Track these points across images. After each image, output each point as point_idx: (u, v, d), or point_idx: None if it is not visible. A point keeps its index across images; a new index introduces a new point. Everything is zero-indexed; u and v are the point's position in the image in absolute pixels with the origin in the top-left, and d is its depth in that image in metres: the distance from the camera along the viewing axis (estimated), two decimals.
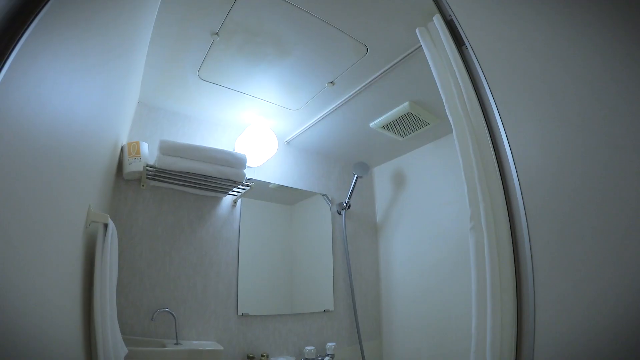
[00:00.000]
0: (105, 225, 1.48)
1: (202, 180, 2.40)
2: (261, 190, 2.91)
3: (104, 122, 1.50)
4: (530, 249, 1.38)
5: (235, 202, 2.75)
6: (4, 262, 0.65)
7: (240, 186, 2.54)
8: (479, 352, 1.55)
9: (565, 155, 1.23)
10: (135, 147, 2.24)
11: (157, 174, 2.30)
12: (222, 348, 2.32)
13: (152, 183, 2.40)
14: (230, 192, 2.65)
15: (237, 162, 2.44)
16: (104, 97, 1.36)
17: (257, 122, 2.75)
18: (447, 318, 2.85)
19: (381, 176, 3.64)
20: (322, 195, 3.24)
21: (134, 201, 2.35)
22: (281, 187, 3.05)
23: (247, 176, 2.58)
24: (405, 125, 2.78)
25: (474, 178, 1.57)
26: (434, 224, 3.04)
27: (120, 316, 1.71)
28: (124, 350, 1.69)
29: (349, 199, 3.28)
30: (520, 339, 1.45)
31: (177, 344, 2.25)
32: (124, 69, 1.57)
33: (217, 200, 2.68)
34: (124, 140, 2.28)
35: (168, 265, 2.40)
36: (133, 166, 2.22)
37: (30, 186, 0.74)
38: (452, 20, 1.65)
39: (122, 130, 2.19)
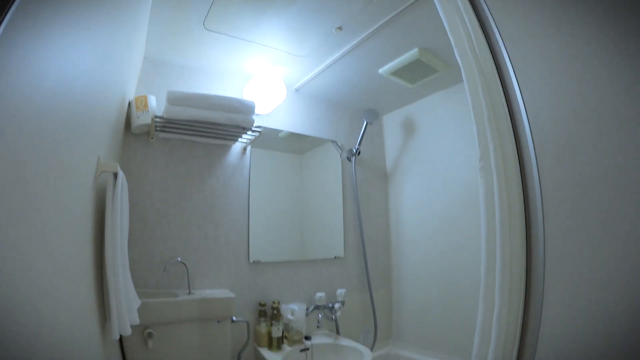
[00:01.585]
0: (115, 175, 1.47)
1: (210, 128, 2.39)
2: (271, 140, 2.90)
3: (110, 78, 1.49)
4: (540, 188, 1.38)
5: (244, 150, 2.74)
6: (13, 213, 0.65)
7: (250, 132, 2.52)
8: (488, 295, 1.56)
9: (577, 99, 1.22)
10: (142, 101, 2.22)
11: (165, 124, 2.29)
12: (234, 295, 2.35)
13: (161, 135, 2.39)
14: (239, 139, 2.63)
15: (246, 109, 2.41)
16: (109, 53, 1.35)
17: (265, 70, 2.71)
18: (456, 267, 2.88)
19: (391, 124, 3.61)
20: (332, 142, 3.22)
21: (143, 154, 2.36)
22: (290, 136, 3.04)
23: (256, 124, 2.55)
24: (414, 72, 2.74)
25: (483, 119, 1.56)
26: (444, 173, 3.04)
27: (133, 270, 1.71)
28: (137, 301, 1.72)
29: (359, 145, 3.26)
30: (530, 279, 1.46)
31: (189, 293, 2.29)
32: (128, 24, 1.56)
33: (227, 148, 2.68)
34: (131, 96, 2.27)
35: (179, 216, 2.42)
36: (141, 119, 2.21)
37: (38, 141, 0.74)
38: None
39: (129, 86, 2.17)
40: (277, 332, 2.54)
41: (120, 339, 2.01)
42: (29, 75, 0.67)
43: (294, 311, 2.63)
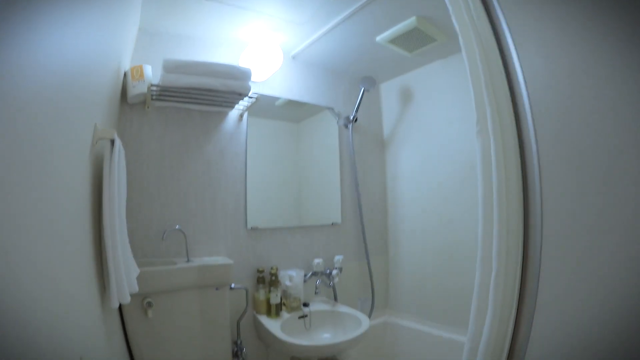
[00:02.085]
0: (112, 142, 1.47)
1: (207, 95, 2.37)
2: (267, 108, 2.89)
3: (104, 48, 1.49)
4: (537, 151, 1.39)
5: (241, 117, 2.73)
6: (11, 180, 0.66)
7: (246, 99, 2.52)
8: (485, 259, 1.57)
9: (573, 64, 1.23)
10: (138, 71, 2.21)
11: (161, 93, 2.28)
12: (232, 262, 2.38)
13: (157, 104, 2.38)
14: (236, 106, 2.63)
15: (242, 75, 2.39)
16: (103, 23, 1.35)
17: (262, 37, 2.69)
18: (454, 235, 2.91)
19: (388, 92, 3.59)
20: (329, 108, 3.21)
21: (140, 124, 2.35)
22: (287, 104, 3.02)
23: (253, 91, 2.54)
24: (412, 40, 2.71)
25: (480, 83, 1.56)
26: (441, 141, 3.04)
27: (131, 240, 1.73)
28: (135, 270, 1.73)
29: (356, 112, 3.25)
30: (527, 243, 1.47)
31: (188, 261, 2.30)
32: None
33: (223, 115, 2.66)
34: (126, 67, 2.25)
35: (176, 184, 2.43)
36: (137, 88, 2.20)
37: (33, 110, 0.75)
38: None
39: (125, 57, 2.16)
40: (275, 298, 2.57)
41: (120, 311, 2.04)
42: (25, 46, 0.67)
43: (291, 277, 2.66)
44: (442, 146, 3.04)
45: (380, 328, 3.38)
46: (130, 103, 2.31)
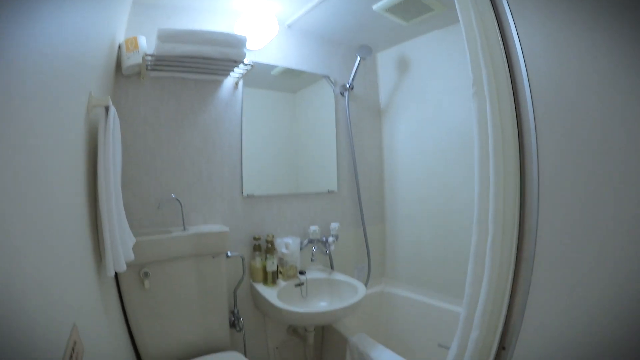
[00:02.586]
0: (107, 110, 1.46)
1: (202, 63, 2.35)
2: (263, 78, 2.85)
3: (98, 21, 1.50)
4: (533, 110, 1.38)
5: (236, 85, 2.70)
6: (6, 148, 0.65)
7: (241, 66, 2.48)
8: (481, 222, 1.57)
9: (569, 30, 1.24)
10: (133, 42, 2.18)
11: (156, 63, 2.26)
12: (227, 229, 2.37)
13: (152, 74, 2.35)
14: (231, 74, 2.59)
15: (237, 42, 2.36)
16: None
17: (256, 6, 2.64)
18: (450, 205, 2.91)
19: (385, 62, 3.55)
20: (325, 77, 3.17)
21: (135, 95, 2.32)
22: (283, 74, 2.98)
23: (249, 60, 2.50)
24: (409, 9, 2.67)
25: (476, 46, 1.56)
26: (438, 112, 3.02)
27: (127, 211, 1.73)
28: (131, 239, 1.73)
29: (352, 80, 3.22)
30: (524, 205, 1.47)
31: (184, 230, 2.30)
32: None
33: (218, 84, 2.63)
34: (121, 39, 2.22)
35: (172, 153, 2.41)
36: (132, 59, 2.17)
37: (28, 80, 0.75)
38: None
39: (119, 30, 2.15)
40: (271, 265, 2.57)
41: (117, 282, 2.04)
42: (23, 22, 0.69)
43: (288, 245, 2.66)
44: (438, 116, 3.02)
45: (376, 297, 3.40)
46: (126, 75, 2.28)
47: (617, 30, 1.08)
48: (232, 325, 2.55)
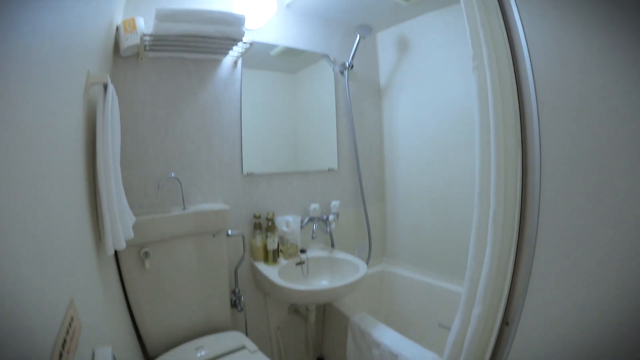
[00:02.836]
0: (105, 88, 1.45)
1: (201, 42, 2.32)
2: (263, 58, 2.82)
3: (95, 3, 1.50)
4: (534, 84, 1.36)
5: (235, 64, 2.67)
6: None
7: (240, 44, 2.45)
8: (483, 196, 1.55)
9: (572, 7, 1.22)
10: (130, 23, 2.15)
11: (154, 43, 2.22)
12: (228, 207, 2.37)
13: (151, 54, 2.32)
14: (229, 53, 2.56)
15: (236, 21, 2.33)
16: None
17: None
18: (451, 185, 2.90)
19: (385, 41, 3.51)
20: (324, 56, 3.14)
21: (133, 76, 2.29)
22: (283, 54, 2.95)
23: (247, 39, 2.47)
24: None
25: (476, 20, 1.53)
26: (439, 92, 2.99)
27: (126, 191, 1.71)
28: (131, 218, 1.72)
29: (352, 59, 3.19)
30: (526, 177, 1.45)
31: (184, 209, 2.28)
32: None
33: (217, 63, 2.60)
34: (119, 21, 2.18)
35: (171, 133, 2.39)
36: (130, 40, 2.14)
37: (23, 59, 0.75)
38: None
39: (117, 12, 2.13)
40: (272, 244, 2.56)
41: (118, 264, 2.02)
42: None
43: (288, 223, 2.65)
44: (438, 96, 3.00)
45: (377, 277, 3.41)
46: (124, 56, 2.24)
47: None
48: (234, 305, 2.55)
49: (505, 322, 1.52)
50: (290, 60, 3.04)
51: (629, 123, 1.06)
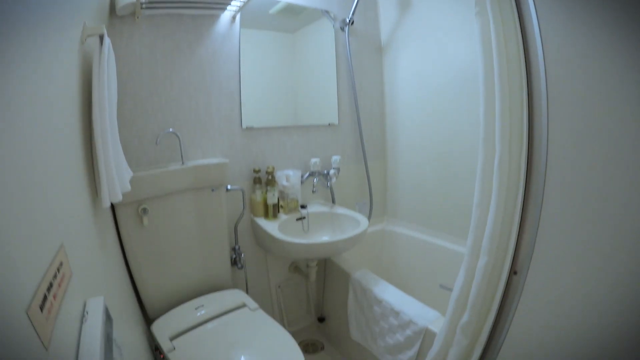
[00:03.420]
0: (102, 40, 1.43)
1: None
2: (261, 18, 2.74)
3: None
4: (539, 23, 1.31)
5: (233, 18, 2.60)
6: None
7: None
8: (488, 140, 1.50)
9: None
10: None
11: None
12: (227, 160, 2.34)
13: (147, 12, 2.25)
14: (227, 7, 2.50)
15: None
16: None
17: None
18: (452, 143, 2.85)
19: None
20: (325, 12, 3.07)
21: (130, 34, 2.23)
22: (282, 12, 2.86)
23: None
24: None
25: None
26: (441, 50, 2.91)
27: (124, 149, 1.70)
28: (128, 173, 1.69)
29: (353, 15, 3.11)
30: (532, 122, 1.40)
31: (182, 164, 2.25)
32: None
33: (215, 18, 2.53)
34: None
35: (169, 89, 2.34)
36: None
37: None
38: None
39: None
40: (272, 198, 2.54)
41: (116, 222, 2.00)
42: None
43: (288, 177, 2.62)
44: (441, 53, 2.91)
45: (378, 235, 3.40)
46: (120, 15, 2.17)
47: None
48: (234, 263, 2.54)
49: (513, 272, 1.49)
50: (289, 19, 2.96)
51: None
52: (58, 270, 0.82)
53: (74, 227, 1.10)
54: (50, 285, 0.76)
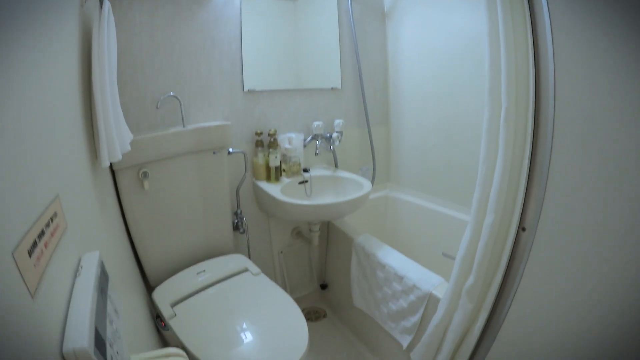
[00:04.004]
0: (101, 2, 1.41)
1: None
2: None
3: None
4: None
5: None
6: None
7: None
8: (494, 92, 1.46)
9: None
10: None
11: None
12: (229, 123, 2.31)
13: None
14: None
15: None
16: None
17: None
18: (455, 109, 2.80)
19: None
20: None
21: (129, 1, 2.16)
22: None
23: None
24: None
25: None
26: (446, 15, 2.83)
27: (125, 113, 1.68)
28: (129, 135, 1.67)
29: None
30: (539, 75, 1.35)
31: (184, 127, 2.22)
32: None
33: None
34: None
35: (169, 53, 2.30)
36: None
37: None
38: None
39: None
40: (274, 161, 2.52)
41: (116, 188, 1.97)
42: None
43: (291, 140, 2.60)
44: (445, 19, 2.84)
45: (381, 202, 3.39)
46: None
47: None
48: (236, 227, 2.52)
49: (522, 228, 1.45)
50: None
51: None
52: (52, 220, 0.81)
53: (71, 183, 1.08)
54: (42, 232, 0.74)
